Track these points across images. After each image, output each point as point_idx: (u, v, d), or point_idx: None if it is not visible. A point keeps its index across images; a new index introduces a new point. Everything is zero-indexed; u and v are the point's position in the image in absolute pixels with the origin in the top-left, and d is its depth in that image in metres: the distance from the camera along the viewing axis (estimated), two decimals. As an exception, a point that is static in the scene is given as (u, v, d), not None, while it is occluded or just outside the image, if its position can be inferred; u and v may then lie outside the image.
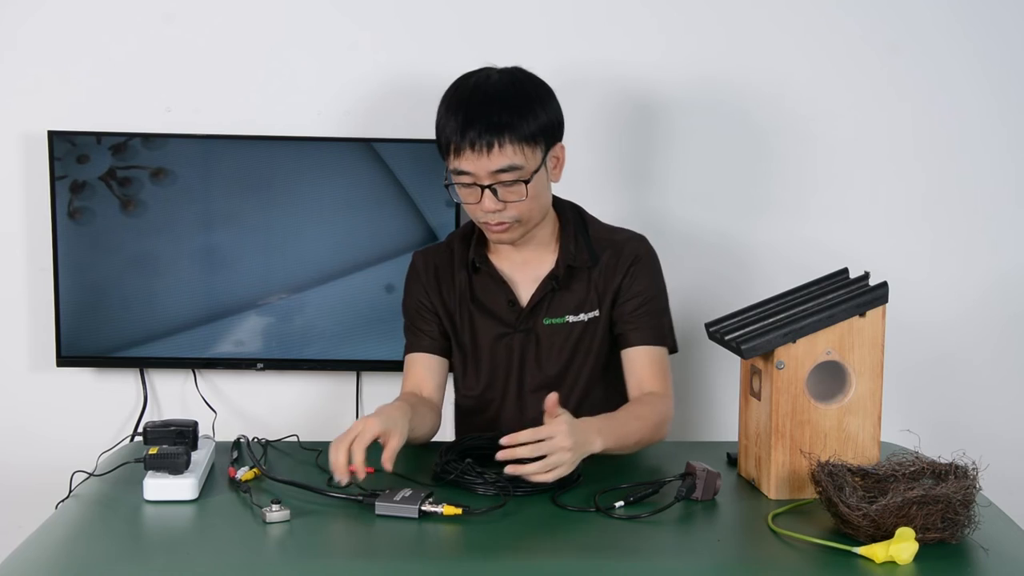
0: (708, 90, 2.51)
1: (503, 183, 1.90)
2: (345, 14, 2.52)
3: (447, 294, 2.08)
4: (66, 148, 2.44)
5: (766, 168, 2.56)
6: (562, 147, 2.00)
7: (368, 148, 2.47)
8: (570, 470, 1.72)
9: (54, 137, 2.43)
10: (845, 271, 1.85)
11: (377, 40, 2.53)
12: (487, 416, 2.09)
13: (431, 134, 2.48)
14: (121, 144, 2.45)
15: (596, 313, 2.03)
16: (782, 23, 2.51)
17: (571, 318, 2.03)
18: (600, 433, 1.80)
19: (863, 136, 2.56)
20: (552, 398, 1.75)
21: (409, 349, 2.11)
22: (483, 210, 1.93)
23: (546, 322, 2.04)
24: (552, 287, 2.03)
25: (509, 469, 1.68)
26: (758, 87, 2.52)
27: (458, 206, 2.47)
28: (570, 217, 2.07)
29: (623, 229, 2.11)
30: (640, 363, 2.02)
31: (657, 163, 2.55)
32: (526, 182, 1.91)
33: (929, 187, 2.58)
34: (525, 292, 2.06)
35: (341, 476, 1.69)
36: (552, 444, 1.68)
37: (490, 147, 1.88)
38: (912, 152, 2.57)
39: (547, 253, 2.05)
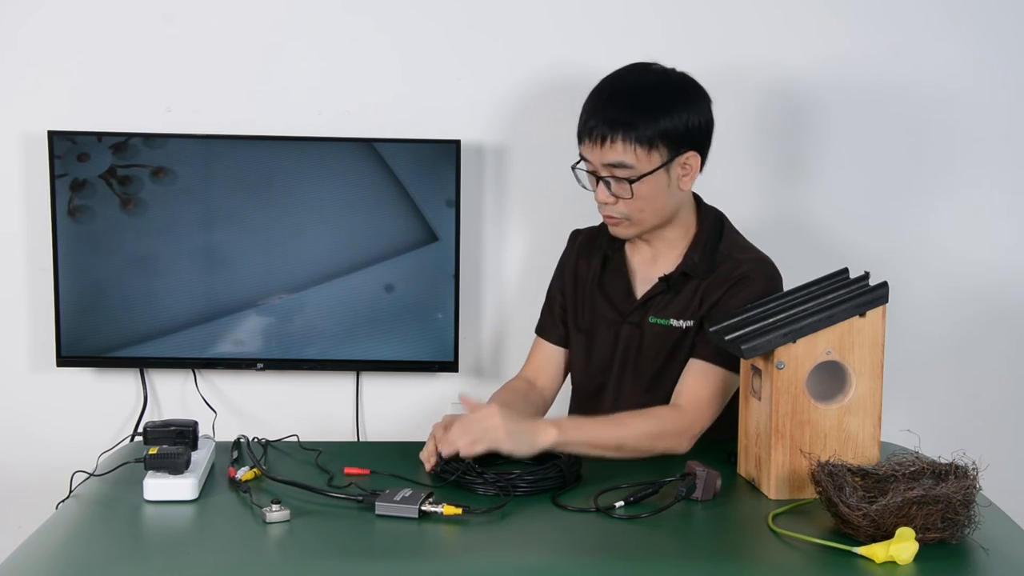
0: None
1: (615, 178, 1.95)
2: (345, 14, 2.52)
3: (582, 273, 2.16)
4: (66, 146, 2.44)
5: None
6: (695, 156, 1.98)
7: (368, 148, 2.47)
8: (483, 447, 1.78)
9: (54, 136, 2.43)
10: (845, 271, 1.85)
11: (377, 40, 2.53)
12: (599, 402, 2.10)
13: (431, 134, 2.51)
14: (122, 143, 2.45)
15: (691, 323, 2.02)
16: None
17: (674, 322, 2.03)
18: (555, 430, 1.83)
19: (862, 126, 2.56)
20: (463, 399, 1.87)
21: (540, 330, 2.22)
22: (597, 200, 2.00)
23: (651, 320, 2.05)
24: (663, 288, 2.04)
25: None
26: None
27: (458, 207, 2.47)
28: (707, 226, 2.05)
29: (755, 249, 2.07)
30: (688, 374, 1.98)
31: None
32: (631, 181, 1.94)
33: (929, 186, 2.58)
34: (643, 287, 2.08)
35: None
36: (447, 438, 1.80)
37: (603, 140, 1.94)
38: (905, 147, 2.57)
39: (675, 255, 2.06)
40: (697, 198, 2.09)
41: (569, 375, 2.22)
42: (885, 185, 2.58)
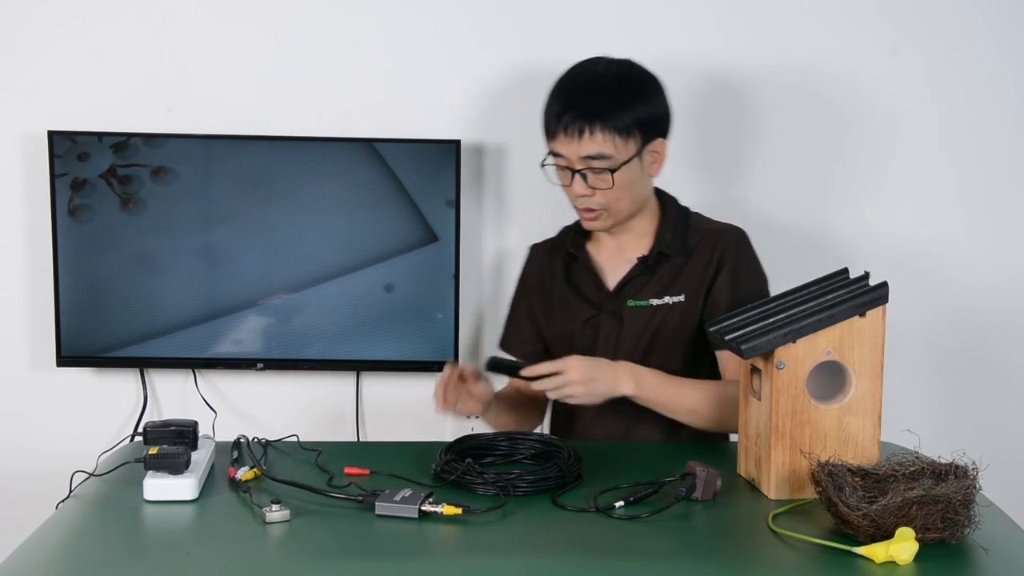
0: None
1: (593, 170, 1.98)
2: (345, 14, 2.52)
3: (546, 282, 2.19)
4: (67, 146, 2.44)
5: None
6: (663, 143, 2.03)
7: (368, 148, 2.47)
8: (588, 400, 1.93)
9: (54, 136, 2.43)
10: (845, 271, 1.85)
11: (377, 40, 2.53)
12: None
13: (431, 134, 2.51)
14: (122, 142, 2.45)
15: (681, 298, 2.05)
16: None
17: (655, 301, 2.06)
18: (635, 378, 1.96)
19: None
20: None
21: (504, 345, 2.27)
22: (573, 194, 2.03)
23: (630, 304, 2.08)
24: (640, 271, 2.07)
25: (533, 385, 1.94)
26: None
27: (458, 207, 2.47)
28: (671, 208, 2.11)
29: (720, 221, 2.14)
30: (729, 367, 2.04)
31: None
32: (612, 171, 1.97)
33: (931, 186, 2.58)
34: (614, 277, 2.11)
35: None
36: (563, 379, 1.91)
37: (581, 133, 1.96)
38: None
39: (643, 241, 2.10)
40: (654, 185, 2.14)
41: None
42: (884, 185, 2.58)
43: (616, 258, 2.13)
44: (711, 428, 2.02)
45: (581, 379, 1.92)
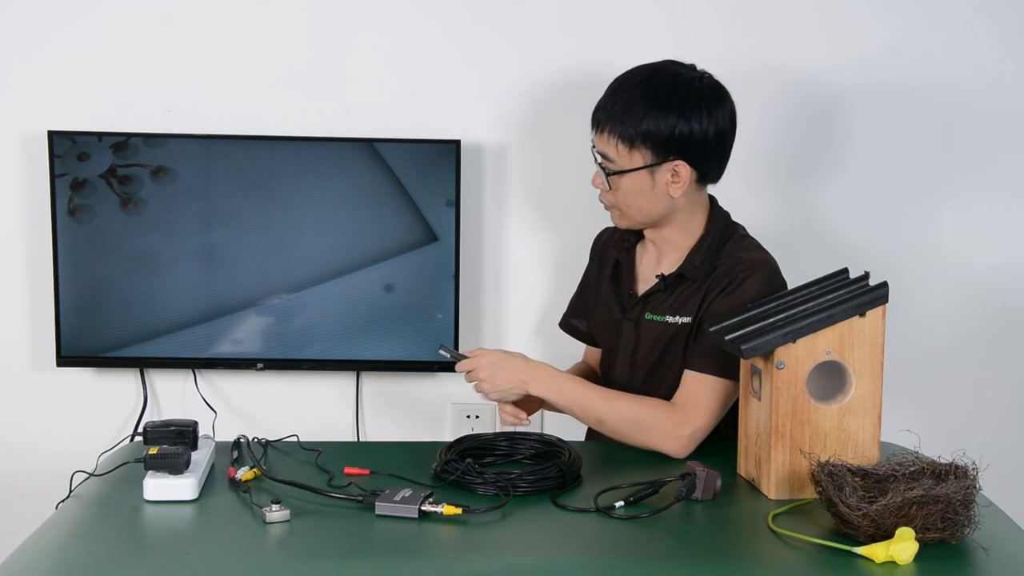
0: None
1: (602, 167, 2.00)
2: (345, 14, 2.52)
3: (601, 269, 2.20)
4: (67, 146, 2.44)
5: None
6: (684, 165, 1.95)
7: (368, 148, 2.47)
8: (496, 395, 1.97)
9: (54, 136, 2.43)
10: (845, 271, 1.85)
11: (377, 40, 2.53)
12: None
13: (432, 134, 2.51)
14: (122, 142, 2.45)
15: (688, 319, 2.01)
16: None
17: (670, 319, 2.04)
18: (546, 380, 1.97)
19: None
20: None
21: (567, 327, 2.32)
22: (592, 183, 2.04)
23: (647, 317, 2.06)
24: (660, 287, 2.05)
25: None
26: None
27: (458, 207, 2.47)
28: (714, 230, 2.03)
29: (760, 252, 2.03)
30: (687, 379, 1.97)
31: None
32: (609, 174, 1.98)
33: (929, 187, 2.58)
34: (644, 287, 2.10)
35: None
36: (472, 373, 1.98)
37: (596, 128, 2.00)
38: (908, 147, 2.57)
39: (679, 256, 2.05)
40: (713, 201, 2.08)
41: None
42: (884, 185, 2.58)
43: (653, 266, 2.09)
44: (621, 441, 1.96)
45: (486, 373, 1.96)
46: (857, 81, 2.53)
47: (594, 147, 2.02)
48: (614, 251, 2.17)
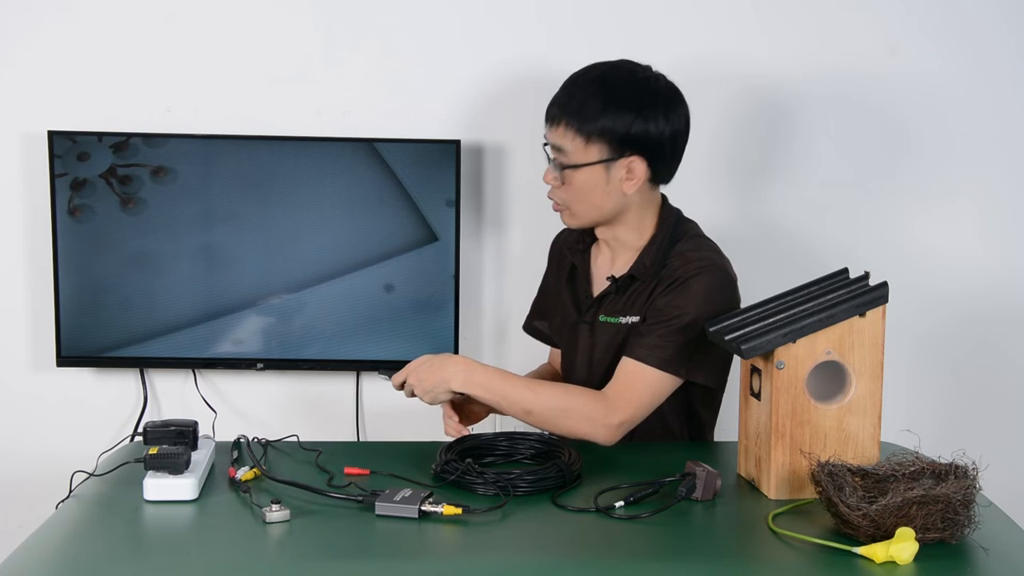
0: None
1: (554, 161, 1.99)
2: (345, 13, 2.52)
3: (561, 271, 2.20)
4: (67, 146, 2.44)
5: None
6: (640, 162, 1.96)
7: (368, 148, 2.47)
8: (431, 398, 1.93)
9: (54, 136, 2.43)
10: (845, 271, 1.85)
11: (377, 40, 2.53)
12: None
13: (431, 134, 2.51)
14: (122, 142, 2.45)
15: (637, 319, 2.02)
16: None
17: (623, 319, 2.04)
18: (466, 373, 1.92)
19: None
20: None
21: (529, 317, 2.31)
22: (544, 179, 2.03)
23: (601, 319, 2.07)
24: (612, 290, 2.05)
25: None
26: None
27: (458, 207, 2.48)
28: (664, 229, 2.03)
29: (711, 252, 2.01)
30: (620, 369, 1.96)
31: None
32: (562, 167, 1.97)
33: (929, 187, 2.58)
34: (598, 288, 2.10)
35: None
36: (407, 384, 1.96)
37: (552, 121, 1.99)
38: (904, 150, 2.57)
39: (631, 257, 2.06)
40: (664, 200, 2.08)
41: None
42: (884, 186, 2.58)
43: (607, 268, 2.10)
44: (551, 431, 1.95)
45: (414, 377, 1.94)
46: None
47: (546, 143, 2.02)
48: (569, 254, 2.17)
